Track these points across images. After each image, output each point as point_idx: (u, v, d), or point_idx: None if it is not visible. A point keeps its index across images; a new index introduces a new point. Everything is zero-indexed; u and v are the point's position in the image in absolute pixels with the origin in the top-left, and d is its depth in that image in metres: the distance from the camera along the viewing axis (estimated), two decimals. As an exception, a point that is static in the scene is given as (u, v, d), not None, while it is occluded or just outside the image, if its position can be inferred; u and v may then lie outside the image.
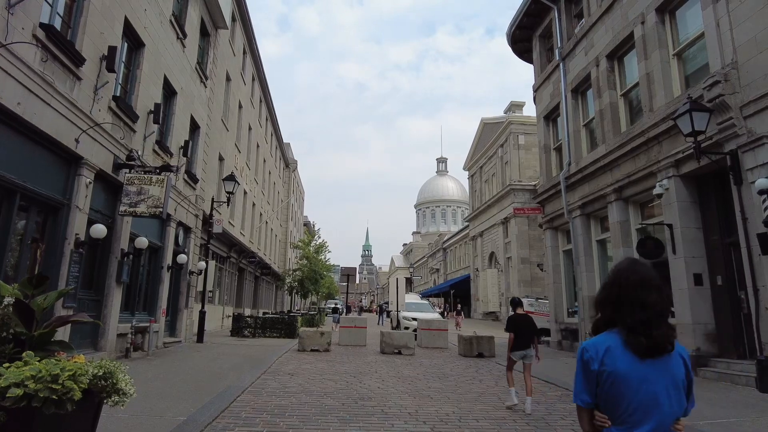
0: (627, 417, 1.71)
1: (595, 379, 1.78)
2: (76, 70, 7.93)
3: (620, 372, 1.72)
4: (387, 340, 13.71)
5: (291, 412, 6.20)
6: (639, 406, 1.70)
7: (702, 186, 10.24)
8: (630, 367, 1.72)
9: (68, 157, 8.19)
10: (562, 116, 15.71)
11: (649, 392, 1.70)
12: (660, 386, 1.71)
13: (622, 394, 1.72)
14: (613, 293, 1.86)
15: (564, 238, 16.24)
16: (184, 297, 14.80)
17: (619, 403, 1.73)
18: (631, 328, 1.76)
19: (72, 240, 8.14)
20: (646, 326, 1.73)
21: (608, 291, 1.89)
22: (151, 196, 9.50)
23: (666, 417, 1.71)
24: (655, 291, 1.81)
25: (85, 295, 9.21)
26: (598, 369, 1.76)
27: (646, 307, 1.76)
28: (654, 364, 1.74)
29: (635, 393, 1.71)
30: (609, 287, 1.89)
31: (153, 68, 11.44)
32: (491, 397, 7.57)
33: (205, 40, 16.69)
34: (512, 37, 19.12)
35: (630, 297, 1.80)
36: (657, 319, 1.76)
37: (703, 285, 9.82)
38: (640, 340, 1.72)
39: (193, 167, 15.23)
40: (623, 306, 1.80)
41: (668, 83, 10.79)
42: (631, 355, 1.74)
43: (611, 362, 1.75)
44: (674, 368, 1.77)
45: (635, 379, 1.71)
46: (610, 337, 1.81)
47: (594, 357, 1.78)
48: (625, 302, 1.80)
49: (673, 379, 1.75)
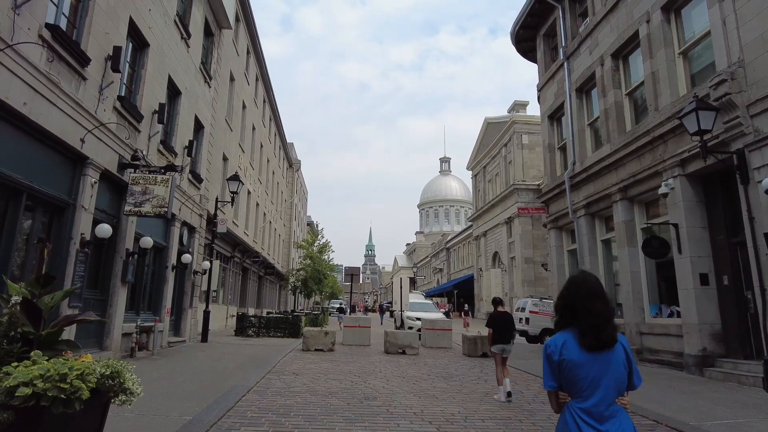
0: (581, 392, 2.21)
1: (557, 367, 2.26)
2: (82, 70, 7.95)
3: (575, 361, 2.21)
4: (391, 340, 13.70)
5: (296, 411, 6.20)
6: (589, 384, 2.19)
7: (708, 185, 10.19)
8: (582, 357, 2.21)
9: (74, 157, 8.21)
10: (566, 115, 15.66)
11: (596, 374, 2.19)
12: (603, 367, 2.20)
13: (577, 377, 2.21)
14: (569, 302, 2.32)
15: (568, 237, 16.19)
16: (188, 297, 14.83)
17: (575, 383, 2.22)
18: (583, 331, 2.21)
19: (78, 240, 8.16)
20: (595, 330, 2.19)
21: (565, 300, 2.35)
22: (156, 196, 9.51)
23: (608, 391, 2.19)
24: (601, 300, 2.26)
25: (91, 295, 9.24)
26: (559, 359, 2.25)
27: (594, 314, 2.21)
28: (600, 354, 2.22)
29: (586, 375, 2.20)
30: (565, 297, 2.35)
31: (157, 68, 11.46)
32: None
33: (209, 40, 16.72)
34: (516, 37, 19.09)
35: (582, 305, 2.25)
36: (604, 324, 2.21)
37: (710, 285, 9.77)
38: (591, 342, 2.20)
39: (198, 167, 15.26)
40: (577, 312, 2.25)
41: (674, 82, 10.74)
42: (581, 349, 2.22)
43: (568, 353, 2.23)
44: (617, 355, 2.23)
45: (585, 364, 2.20)
46: (565, 334, 2.29)
47: (555, 351, 2.27)
48: (579, 309, 2.25)
49: (614, 363, 2.22)
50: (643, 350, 11.44)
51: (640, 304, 11.83)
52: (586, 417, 2.17)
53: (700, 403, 7.06)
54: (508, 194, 37.26)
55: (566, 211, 15.23)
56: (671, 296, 11.29)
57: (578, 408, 2.21)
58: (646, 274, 11.93)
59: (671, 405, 6.92)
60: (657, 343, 11.09)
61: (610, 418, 2.17)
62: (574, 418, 2.19)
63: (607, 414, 2.17)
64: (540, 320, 20.55)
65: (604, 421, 2.16)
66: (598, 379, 2.18)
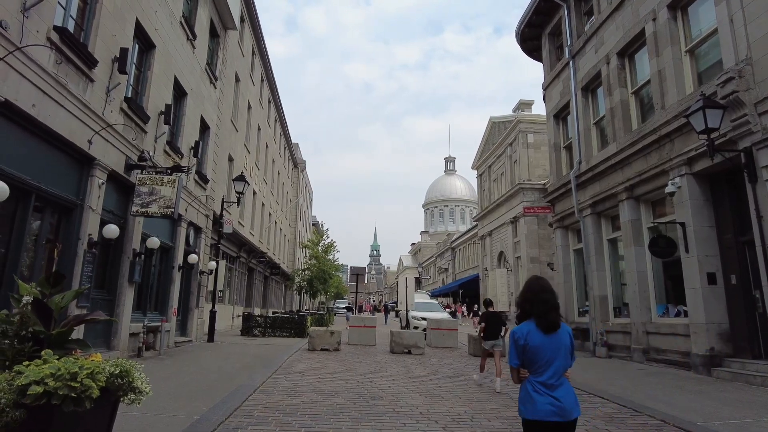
0: (538, 369, 2.95)
1: (522, 350, 2.98)
2: (89, 71, 8.01)
3: (535, 344, 2.95)
4: (397, 340, 13.71)
5: (303, 411, 6.22)
6: (545, 362, 2.93)
7: (715, 184, 10.13)
8: (540, 341, 2.95)
9: (81, 158, 8.28)
10: (572, 114, 15.61)
11: (549, 354, 2.94)
12: (555, 350, 2.95)
13: (536, 357, 2.94)
14: (528, 297, 3.09)
15: (574, 237, 16.14)
16: (194, 297, 14.91)
17: (535, 362, 2.95)
18: (538, 315, 2.99)
19: (85, 240, 8.23)
20: (546, 314, 2.97)
21: (524, 296, 3.12)
22: (163, 197, 9.57)
23: (558, 368, 2.94)
24: (548, 293, 3.05)
25: (98, 295, 9.30)
26: (523, 344, 2.97)
27: (544, 301, 3.00)
28: (551, 337, 2.96)
29: (543, 356, 2.93)
30: (524, 293, 3.14)
31: (164, 69, 11.53)
32: (503, 397, 7.54)
33: (215, 41, 16.79)
34: (521, 35, 19.04)
35: (535, 297, 3.04)
36: (552, 310, 2.99)
37: (717, 284, 9.71)
38: (544, 323, 2.96)
39: (204, 168, 15.33)
40: (533, 303, 3.03)
41: (680, 80, 10.68)
42: (540, 333, 2.96)
43: (531, 340, 2.96)
44: (563, 339, 2.99)
45: (542, 348, 2.94)
46: (528, 324, 3.03)
47: (521, 337, 2.99)
48: (534, 301, 3.03)
49: (563, 346, 2.97)
50: (650, 350, 11.39)
51: (646, 304, 11.77)
52: (542, 387, 2.93)
53: (707, 403, 7.02)
54: (514, 194, 37.14)
55: (572, 210, 15.18)
56: (678, 296, 11.23)
57: (536, 381, 2.95)
58: (653, 273, 11.87)
59: (679, 405, 6.89)
60: (664, 342, 11.04)
61: (559, 387, 2.93)
62: (534, 388, 2.94)
63: (557, 384, 2.93)
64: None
65: (555, 389, 2.92)
66: (551, 360, 2.94)
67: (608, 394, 7.73)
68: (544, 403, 2.89)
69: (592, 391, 7.92)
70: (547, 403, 2.89)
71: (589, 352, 13.71)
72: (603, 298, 13.71)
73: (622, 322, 12.91)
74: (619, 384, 8.66)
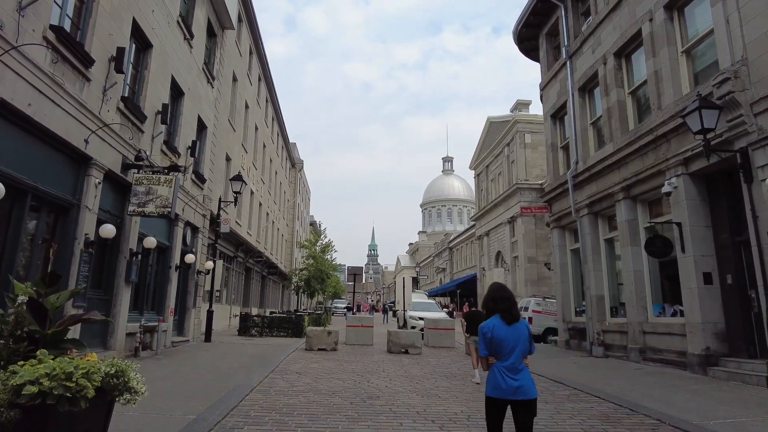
0: (503, 356, 3.54)
1: (489, 341, 3.60)
2: (86, 71, 7.99)
3: (500, 336, 3.57)
4: (394, 340, 13.71)
5: (300, 410, 6.22)
6: (509, 350, 3.54)
7: (711, 184, 10.17)
8: (504, 332, 3.58)
9: (78, 158, 8.26)
10: (569, 114, 15.64)
11: (511, 343, 3.55)
12: (516, 340, 3.57)
13: (501, 346, 3.56)
14: (493, 297, 3.75)
15: (571, 236, 16.17)
16: (192, 296, 14.89)
17: (500, 350, 3.56)
18: (503, 310, 3.64)
19: (82, 240, 8.21)
20: (509, 309, 3.65)
21: (490, 298, 3.78)
22: (160, 196, 9.56)
23: (519, 354, 3.55)
24: (509, 292, 3.80)
25: (95, 295, 9.28)
26: (490, 336, 3.59)
27: (505, 299, 3.70)
28: (513, 329, 3.60)
29: (506, 344, 3.55)
30: (490, 296, 3.79)
31: (161, 69, 11.51)
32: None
33: (212, 40, 16.76)
34: (519, 36, 19.06)
35: (499, 297, 3.72)
36: (512, 306, 3.67)
37: (713, 284, 9.74)
38: (508, 317, 3.61)
39: (201, 167, 15.30)
40: (498, 302, 3.70)
41: (677, 81, 10.72)
42: (504, 326, 3.59)
43: (497, 332, 3.58)
44: (522, 331, 3.62)
45: (506, 338, 3.56)
46: (493, 320, 3.66)
47: (488, 331, 3.61)
48: (499, 300, 3.70)
49: (522, 337, 3.60)
50: (647, 349, 11.42)
51: (643, 304, 11.80)
52: (506, 371, 3.52)
53: (703, 403, 7.04)
54: (511, 193, 37.21)
55: (569, 210, 15.21)
56: (674, 295, 11.27)
57: (502, 366, 3.54)
58: (649, 273, 11.91)
59: (675, 404, 6.91)
60: (660, 342, 11.07)
61: (520, 371, 3.54)
62: (500, 372, 3.53)
63: (519, 368, 3.55)
64: (543, 320, 20.54)
65: (517, 373, 3.52)
66: (514, 347, 3.55)
67: (605, 393, 7.75)
68: (509, 385, 3.49)
69: (588, 391, 7.95)
70: (510, 385, 3.49)
71: (586, 351, 13.75)
72: (600, 297, 13.74)
73: (618, 321, 12.94)
74: (615, 383, 8.68)
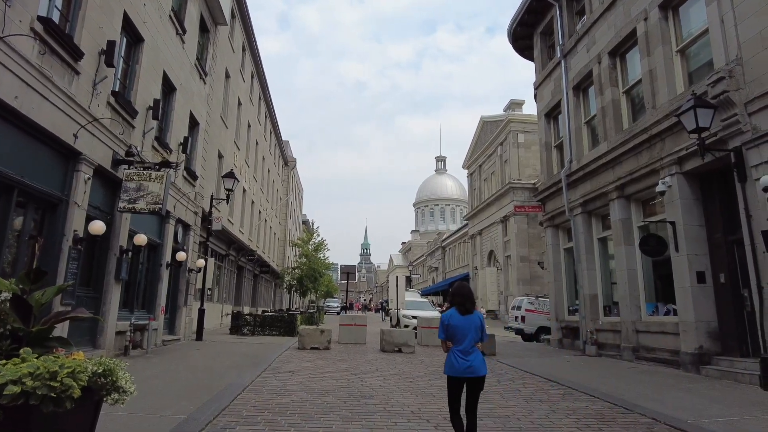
0: (458, 340, 4.22)
1: (446, 328, 4.31)
2: (75, 64, 7.83)
3: (455, 323, 4.26)
4: (387, 338, 13.64)
5: (292, 410, 6.12)
6: (462, 336, 4.21)
7: (705, 183, 10.19)
8: (458, 321, 4.26)
9: (66, 153, 8.10)
10: (563, 113, 15.64)
11: (465, 330, 4.23)
12: (468, 328, 4.23)
13: (455, 332, 4.24)
14: (454, 293, 4.43)
15: (565, 235, 16.18)
16: (183, 295, 14.72)
17: (455, 336, 4.25)
18: (459, 304, 4.33)
19: (70, 236, 8.05)
20: (464, 304, 4.31)
21: (453, 293, 4.47)
22: (150, 193, 9.41)
23: (471, 340, 4.22)
24: (467, 290, 4.46)
25: (84, 293, 9.12)
26: (447, 323, 4.31)
27: (463, 295, 4.37)
28: (467, 319, 4.27)
29: (461, 331, 4.22)
30: (453, 292, 4.48)
31: (152, 64, 11.34)
32: (494, 395, 7.51)
33: (205, 36, 16.58)
34: (513, 34, 19.04)
35: (459, 294, 4.39)
36: (468, 301, 4.34)
37: (706, 283, 9.77)
38: (463, 310, 4.28)
39: (193, 164, 15.14)
40: (454, 297, 4.40)
41: (671, 80, 10.73)
42: (459, 316, 4.27)
43: (452, 320, 4.28)
44: (474, 321, 4.28)
45: (460, 326, 4.24)
46: (452, 311, 4.35)
47: (446, 320, 4.33)
48: (457, 296, 4.39)
49: (474, 325, 4.27)
50: (640, 348, 11.45)
51: (636, 303, 11.82)
52: (459, 354, 4.22)
53: (697, 401, 7.04)
54: (504, 193, 37.27)
55: (563, 209, 15.21)
56: (667, 294, 11.30)
57: (456, 349, 4.24)
58: (643, 272, 11.93)
59: (669, 403, 6.90)
60: (653, 341, 11.10)
61: (472, 353, 4.23)
62: (454, 355, 4.24)
63: (471, 351, 4.23)
64: (536, 318, 20.58)
65: (468, 355, 4.20)
66: (466, 334, 4.24)
67: (599, 392, 7.73)
68: (462, 365, 4.20)
69: (583, 390, 7.92)
70: (462, 364, 4.20)
71: (579, 350, 13.76)
72: (593, 296, 13.76)
73: (612, 320, 12.96)
74: (609, 382, 8.67)
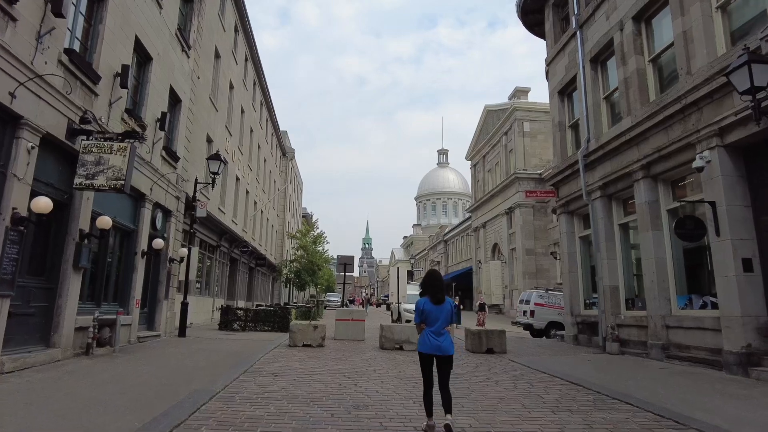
0: (430, 323, 5.08)
1: (421, 312, 5.16)
2: (8, 6, 6.51)
3: (428, 309, 5.13)
4: (387, 335, 12.41)
5: (264, 426, 4.86)
6: (434, 319, 5.07)
7: (750, 157, 8.86)
8: (431, 307, 5.12)
9: (2, 115, 6.80)
10: (579, 89, 14.28)
11: (437, 314, 5.08)
12: (440, 313, 5.08)
13: (429, 316, 5.10)
14: (426, 282, 5.37)
15: (581, 222, 14.87)
16: (163, 287, 13.45)
17: (428, 319, 5.09)
18: (431, 294, 5.20)
19: (8, 215, 6.76)
20: (435, 293, 5.18)
21: (425, 282, 5.41)
22: (112, 167, 8.12)
23: (441, 324, 5.06)
24: (439, 280, 5.38)
25: (33, 282, 7.83)
26: (421, 308, 5.16)
27: (435, 285, 5.27)
28: (439, 306, 5.12)
29: (433, 315, 5.08)
30: (425, 281, 5.43)
31: (120, 25, 10.01)
32: (513, 404, 6.25)
33: (188, 6, 15.24)
34: (522, 8, 17.71)
35: (431, 283, 5.31)
36: (440, 291, 5.21)
37: (753, 272, 8.45)
38: (435, 299, 5.14)
39: (174, 144, 13.83)
40: (426, 287, 5.33)
41: (710, 41, 9.36)
42: (431, 304, 5.14)
43: (426, 306, 5.15)
44: (446, 308, 5.12)
45: (432, 312, 5.10)
46: (425, 298, 5.22)
47: (421, 305, 5.18)
48: (429, 285, 5.32)
49: (445, 312, 5.10)
50: (670, 346, 10.15)
51: (665, 295, 10.52)
52: (431, 334, 5.01)
53: (762, 413, 5.77)
54: (509, 183, 35.95)
55: (579, 193, 13.90)
56: (702, 285, 10.03)
57: (429, 330, 5.02)
58: (673, 260, 10.62)
59: (727, 415, 5.63)
60: (687, 338, 9.80)
61: (442, 335, 5.01)
62: (427, 335, 5.01)
63: (442, 333, 5.02)
64: (546, 313, 19.29)
65: (439, 336, 4.99)
66: (438, 317, 5.03)
67: (635, 399, 6.47)
68: (432, 343, 4.96)
69: (616, 396, 6.65)
70: (433, 343, 4.96)
71: (598, 347, 12.50)
72: (614, 288, 12.46)
73: (636, 314, 11.68)
74: (645, 387, 7.39)
